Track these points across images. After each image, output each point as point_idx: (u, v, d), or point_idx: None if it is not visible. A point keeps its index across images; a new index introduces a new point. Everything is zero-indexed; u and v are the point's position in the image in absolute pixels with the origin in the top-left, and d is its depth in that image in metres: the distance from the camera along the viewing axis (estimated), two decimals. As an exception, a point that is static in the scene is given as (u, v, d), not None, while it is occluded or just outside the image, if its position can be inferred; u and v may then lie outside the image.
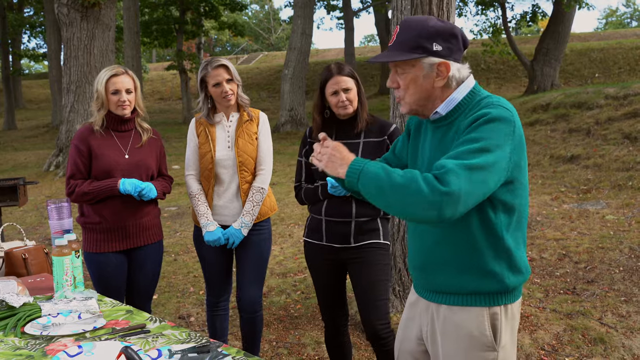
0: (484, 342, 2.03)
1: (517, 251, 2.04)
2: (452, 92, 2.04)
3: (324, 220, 3.20)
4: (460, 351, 2.05)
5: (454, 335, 2.06)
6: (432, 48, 1.96)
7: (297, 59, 19.58)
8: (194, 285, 5.93)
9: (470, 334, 2.04)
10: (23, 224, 9.08)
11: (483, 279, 2.02)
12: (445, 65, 1.99)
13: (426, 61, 1.98)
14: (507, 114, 1.91)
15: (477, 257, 2.01)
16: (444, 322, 2.09)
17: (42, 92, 38.81)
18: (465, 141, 1.88)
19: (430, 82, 2.01)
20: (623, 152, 9.92)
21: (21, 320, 2.42)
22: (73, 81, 12.93)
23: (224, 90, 3.45)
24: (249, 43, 67.29)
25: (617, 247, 6.19)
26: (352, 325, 4.57)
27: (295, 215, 8.81)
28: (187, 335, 2.28)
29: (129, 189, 3.32)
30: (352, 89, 3.13)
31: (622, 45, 29.55)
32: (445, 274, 2.07)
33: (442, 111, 2.05)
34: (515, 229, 2.03)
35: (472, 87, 2.05)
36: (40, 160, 16.05)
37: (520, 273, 2.06)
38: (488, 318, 2.03)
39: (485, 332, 2.03)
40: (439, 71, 1.99)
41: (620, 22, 73.25)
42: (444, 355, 2.09)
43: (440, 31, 1.97)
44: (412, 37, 1.98)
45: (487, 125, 1.88)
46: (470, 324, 2.04)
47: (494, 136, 1.86)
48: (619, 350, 4.08)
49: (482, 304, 2.03)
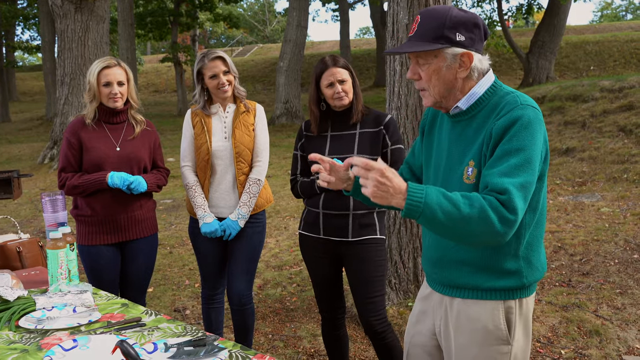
0: (499, 336, 2.02)
1: (536, 249, 2.03)
2: (474, 84, 2.01)
3: (322, 214, 3.19)
4: (474, 344, 2.03)
5: (467, 328, 2.04)
6: (455, 38, 1.92)
7: (292, 51, 19.54)
8: (190, 278, 5.92)
9: (484, 327, 2.02)
10: (17, 217, 9.05)
11: (500, 277, 1.99)
12: (468, 55, 1.95)
13: (449, 52, 1.94)
14: (539, 114, 1.89)
15: (496, 257, 1.98)
16: (458, 315, 2.07)
17: (36, 84, 38.66)
18: (510, 152, 1.84)
19: (453, 73, 1.97)
20: (618, 145, 9.93)
21: (15, 313, 2.41)
22: (67, 73, 12.87)
23: (220, 81, 3.44)
24: (244, 35, 67.10)
25: (612, 240, 6.20)
26: (349, 317, 4.57)
27: (290, 207, 8.80)
28: (183, 328, 2.27)
29: (117, 183, 3.30)
30: (347, 80, 3.13)
31: (617, 38, 29.57)
32: (462, 272, 2.04)
33: (463, 106, 2.01)
34: (536, 226, 2.01)
35: (492, 82, 2.02)
36: (34, 153, 15.99)
37: (537, 270, 2.05)
38: (503, 312, 2.01)
39: (500, 326, 2.01)
40: (461, 62, 1.96)
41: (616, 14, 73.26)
42: (458, 348, 2.07)
43: (463, 21, 1.93)
44: (435, 27, 1.93)
45: (526, 132, 1.85)
46: (485, 318, 2.02)
47: (533, 143, 1.85)
48: (614, 342, 4.09)
49: (498, 297, 2.01)
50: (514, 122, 1.85)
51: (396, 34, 4.58)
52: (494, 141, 1.89)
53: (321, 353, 4.16)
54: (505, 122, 1.87)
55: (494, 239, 1.78)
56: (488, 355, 2.02)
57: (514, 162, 1.82)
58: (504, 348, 2.02)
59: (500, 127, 1.88)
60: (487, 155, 1.91)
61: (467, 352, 2.05)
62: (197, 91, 3.55)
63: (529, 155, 1.84)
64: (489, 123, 1.94)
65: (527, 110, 1.87)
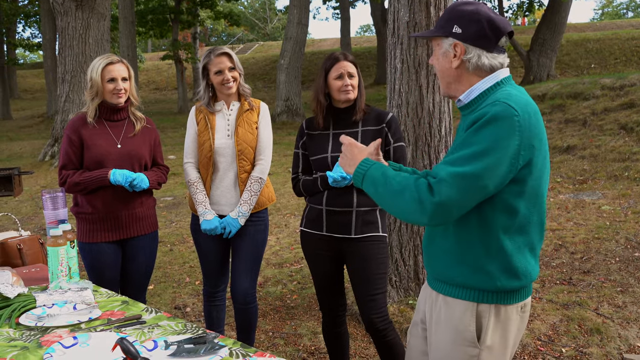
0: (466, 337, 2.03)
1: (516, 255, 1.99)
2: (478, 81, 2.05)
3: (325, 210, 3.19)
4: (447, 342, 2.07)
5: (443, 325, 2.09)
6: (451, 30, 2.04)
7: (293, 49, 19.52)
8: (190, 275, 5.92)
9: (455, 327, 2.05)
10: (18, 214, 9.05)
11: (473, 274, 2.00)
12: (459, 46, 2.04)
13: (446, 41, 2.07)
14: (509, 111, 1.86)
15: (469, 252, 2.00)
16: (439, 312, 2.11)
17: (37, 81, 38.63)
18: (463, 144, 1.91)
19: (448, 61, 2.08)
20: (619, 143, 9.92)
21: (16, 311, 2.41)
22: (68, 71, 12.86)
23: (225, 77, 3.43)
24: (244, 33, 67.06)
25: (613, 238, 6.20)
26: (349, 315, 4.57)
27: (291, 205, 8.79)
28: (183, 326, 2.27)
29: (119, 180, 3.30)
30: (355, 76, 3.18)
31: (618, 35, 29.52)
32: (443, 263, 2.08)
33: (464, 99, 2.08)
34: (516, 232, 1.98)
35: (498, 80, 2.04)
36: (35, 150, 15.98)
37: (517, 278, 2.01)
38: (474, 314, 2.02)
39: (468, 327, 2.03)
40: (455, 51, 2.05)
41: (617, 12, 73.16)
42: (435, 344, 2.12)
43: (463, 15, 2.03)
44: (441, 19, 2.10)
45: (485, 128, 1.87)
46: (456, 317, 2.05)
47: (491, 137, 1.85)
48: (615, 340, 4.09)
49: (470, 298, 2.02)
50: (480, 118, 1.90)
51: (397, 32, 4.58)
52: (461, 134, 2.00)
53: (322, 351, 4.16)
54: (473, 117, 1.94)
55: (413, 217, 1.91)
56: (457, 355, 2.05)
57: (463, 153, 1.88)
58: (472, 350, 2.04)
59: (469, 121, 1.95)
60: None
61: (441, 349, 2.10)
62: (202, 87, 3.54)
63: (481, 149, 1.85)
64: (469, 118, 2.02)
65: (496, 107, 1.88)
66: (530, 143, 1.88)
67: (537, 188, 1.96)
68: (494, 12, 2.04)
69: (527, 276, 2.03)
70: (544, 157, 1.96)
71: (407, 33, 4.50)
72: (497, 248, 1.97)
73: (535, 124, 1.90)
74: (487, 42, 2.01)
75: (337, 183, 3.04)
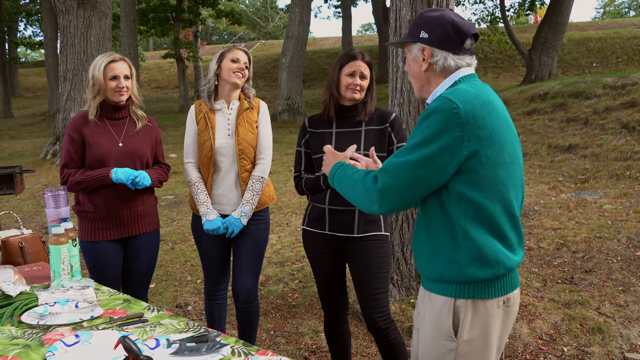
0: (443, 331, 2.10)
1: (483, 243, 2.00)
2: (442, 82, 2.17)
3: (327, 209, 3.18)
4: (429, 337, 2.14)
5: (427, 320, 2.16)
6: (419, 35, 2.17)
7: (294, 48, 19.51)
8: (191, 274, 5.92)
9: (435, 320, 2.12)
10: (20, 213, 9.05)
11: (446, 266, 2.06)
12: (427, 50, 2.15)
13: (415, 46, 2.19)
14: (447, 104, 1.96)
15: (439, 244, 2.07)
16: (425, 308, 2.19)
17: (39, 80, 38.64)
18: (409, 138, 2.06)
19: (418, 65, 2.20)
20: (621, 142, 9.91)
21: (18, 309, 2.41)
22: (70, 69, 12.86)
23: (239, 66, 3.47)
24: (246, 31, 67.02)
25: (614, 237, 6.19)
26: (351, 314, 4.57)
27: (292, 204, 8.79)
28: (185, 324, 2.27)
29: (121, 178, 3.30)
30: (367, 78, 3.18)
31: (619, 34, 29.49)
32: (421, 258, 2.18)
33: (429, 100, 2.20)
34: (479, 221, 2.00)
35: (457, 79, 2.14)
36: (37, 149, 15.99)
37: (488, 266, 2.01)
38: (451, 308, 2.08)
39: (445, 321, 2.09)
40: (423, 55, 2.17)
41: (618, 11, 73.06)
42: (420, 339, 2.21)
43: (428, 21, 2.15)
44: (410, 27, 2.23)
45: (425, 121, 2.00)
46: (436, 311, 2.12)
47: (429, 129, 1.97)
48: (617, 339, 4.08)
49: (448, 294, 2.08)
50: (423, 113, 2.05)
51: (399, 30, 4.57)
52: None
53: (323, 349, 4.16)
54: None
55: (366, 206, 2.10)
56: (437, 348, 2.12)
57: (405, 146, 2.04)
58: (450, 344, 2.09)
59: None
60: None
61: (425, 343, 2.17)
62: (212, 70, 3.54)
63: (420, 139, 1.98)
64: None
65: (436, 102, 2.01)
66: (475, 134, 1.94)
67: (493, 177, 1.99)
68: (458, 17, 2.17)
69: (500, 264, 2.02)
70: (499, 148, 1.99)
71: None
72: (463, 237, 2.01)
73: (482, 116, 1.96)
74: (452, 44, 2.13)
75: None
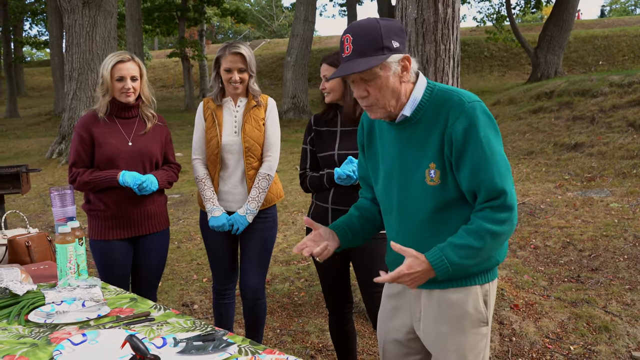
0: (480, 319, 2.11)
1: None
2: (413, 88, 2.08)
3: (331, 209, 3.18)
4: (457, 330, 2.11)
5: (449, 315, 2.12)
6: (392, 46, 1.97)
7: (299, 46, 19.50)
8: (198, 272, 5.93)
9: (466, 312, 2.10)
10: (26, 212, 9.08)
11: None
12: (407, 58, 2.02)
13: (392, 59, 1.99)
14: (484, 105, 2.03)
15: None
16: (439, 305, 2.13)
17: (44, 79, 38.74)
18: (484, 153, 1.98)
19: (398, 79, 2.03)
20: (627, 140, 9.87)
21: (25, 308, 2.41)
22: (75, 68, 12.88)
23: (233, 77, 3.43)
24: (251, 30, 67.03)
25: (621, 235, 6.17)
26: (356, 312, 4.57)
27: (298, 202, 8.79)
28: (192, 323, 2.27)
29: (128, 182, 3.29)
30: None
31: (626, 32, 29.38)
32: None
33: (408, 112, 2.07)
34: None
35: (426, 83, 2.10)
36: (42, 148, 16.04)
37: (503, 250, 2.17)
38: (481, 295, 2.11)
39: (479, 308, 2.11)
40: (403, 66, 2.02)
41: (625, 9, 72.81)
42: (441, 338, 2.13)
43: (393, 28, 1.99)
44: (372, 40, 1.96)
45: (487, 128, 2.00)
46: (466, 303, 2.10)
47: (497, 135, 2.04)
48: (624, 338, 4.07)
49: (476, 282, 2.10)
50: (472, 124, 1.97)
51: (404, 29, 4.56)
52: (458, 145, 1.99)
53: (329, 348, 4.15)
54: (464, 125, 1.98)
55: (505, 237, 2.01)
56: (471, 338, 2.12)
57: (493, 161, 1.97)
58: (484, 329, 2.14)
59: (461, 131, 1.98)
60: (451, 159, 2.02)
61: (451, 339, 2.12)
62: (213, 76, 3.55)
63: (499, 149, 2.00)
64: (440, 126, 2.03)
65: (477, 108, 1.99)
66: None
67: None
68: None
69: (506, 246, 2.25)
70: None
71: (414, 30, 4.49)
72: None
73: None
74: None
75: (341, 180, 3.03)
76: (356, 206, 2.44)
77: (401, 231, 2.17)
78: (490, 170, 1.96)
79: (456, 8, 4.34)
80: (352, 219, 2.36)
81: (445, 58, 4.21)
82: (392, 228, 2.23)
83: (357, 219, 2.36)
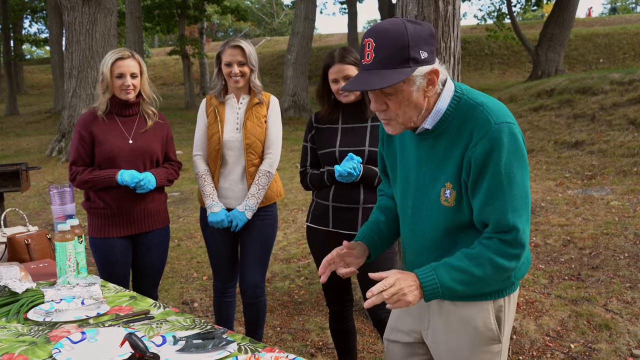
0: (490, 336, 1.98)
1: None
2: (436, 98, 1.86)
3: (331, 206, 3.17)
4: (465, 346, 2.00)
5: (458, 330, 2.00)
6: (420, 57, 1.74)
7: (300, 44, 19.49)
8: (198, 270, 5.92)
9: (475, 328, 1.97)
10: (26, 210, 9.07)
11: None
12: (435, 72, 1.80)
13: (417, 73, 1.75)
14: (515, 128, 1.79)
15: None
16: (448, 319, 2.02)
17: (44, 77, 38.75)
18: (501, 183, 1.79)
19: (422, 94, 1.81)
20: (628, 138, 9.86)
21: (24, 306, 2.41)
22: (75, 66, 12.87)
23: (233, 71, 3.42)
24: (251, 28, 67.01)
25: (622, 233, 6.17)
26: (357, 311, 4.56)
27: (298, 200, 8.78)
28: (192, 321, 2.26)
29: (126, 180, 3.28)
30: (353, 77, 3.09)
31: (627, 30, 29.37)
32: None
33: (429, 125, 1.88)
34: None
35: (454, 92, 1.87)
36: (42, 146, 16.03)
37: (525, 266, 2.02)
38: (493, 311, 1.97)
39: (490, 326, 1.97)
40: (429, 80, 1.80)
41: (625, 7, 72.75)
42: (449, 351, 2.03)
43: (423, 35, 1.75)
44: (398, 49, 1.73)
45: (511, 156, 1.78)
46: (475, 319, 1.97)
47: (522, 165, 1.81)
48: (624, 336, 4.06)
49: (489, 297, 1.96)
50: (495, 148, 1.76)
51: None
52: (476, 169, 1.81)
53: (329, 346, 4.15)
54: (485, 148, 1.78)
55: (508, 273, 1.88)
56: (480, 356, 1.99)
57: (510, 193, 1.79)
58: (496, 347, 2.00)
59: (480, 155, 1.78)
60: (467, 183, 1.85)
61: (459, 354, 2.01)
62: (215, 73, 3.55)
63: (521, 180, 1.80)
64: (461, 144, 1.84)
65: (503, 132, 1.77)
66: None
67: None
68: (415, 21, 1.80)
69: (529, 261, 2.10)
70: None
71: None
72: None
73: None
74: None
75: (342, 178, 3.01)
76: (380, 208, 2.29)
77: (412, 243, 2.07)
78: (504, 202, 1.78)
79: (457, 5, 4.33)
80: (380, 225, 2.22)
81: (446, 56, 4.19)
82: (406, 235, 2.11)
83: (385, 225, 2.22)
